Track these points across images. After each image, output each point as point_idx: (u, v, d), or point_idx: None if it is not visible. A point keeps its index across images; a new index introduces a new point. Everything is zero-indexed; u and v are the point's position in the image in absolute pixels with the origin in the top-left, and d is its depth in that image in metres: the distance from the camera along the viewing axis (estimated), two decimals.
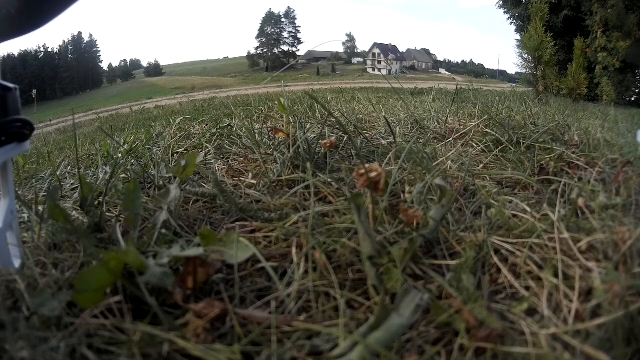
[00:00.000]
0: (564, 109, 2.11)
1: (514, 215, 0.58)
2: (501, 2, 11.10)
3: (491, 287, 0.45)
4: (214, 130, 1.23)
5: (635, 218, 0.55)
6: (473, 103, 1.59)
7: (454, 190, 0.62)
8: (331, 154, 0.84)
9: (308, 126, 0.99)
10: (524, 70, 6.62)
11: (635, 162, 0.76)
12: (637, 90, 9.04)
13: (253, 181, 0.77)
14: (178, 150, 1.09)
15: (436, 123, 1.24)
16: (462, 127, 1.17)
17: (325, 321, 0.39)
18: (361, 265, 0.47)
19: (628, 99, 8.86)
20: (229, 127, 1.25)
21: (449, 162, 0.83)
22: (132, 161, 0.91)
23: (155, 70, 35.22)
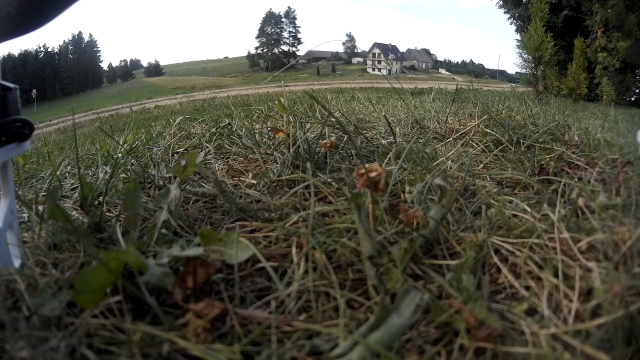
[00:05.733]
0: (564, 109, 2.11)
1: (514, 215, 0.58)
2: (501, 2, 11.12)
3: (491, 287, 0.45)
4: (213, 130, 1.23)
5: (635, 218, 0.55)
6: (473, 103, 1.58)
7: (454, 190, 0.62)
8: (331, 154, 0.84)
9: (308, 126, 0.99)
10: (524, 70, 6.63)
11: (635, 162, 0.76)
12: (637, 90, 9.05)
13: (253, 181, 0.77)
14: (178, 150, 1.09)
15: (436, 123, 1.24)
16: (462, 127, 1.17)
17: (325, 321, 0.39)
18: (361, 265, 0.47)
19: (628, 99, 8.87)
20: (229, 126, 1.25)
21: (449, 162, 0.83)
22: (132, 161, 0.91)
23: (155, 70, 35.25)
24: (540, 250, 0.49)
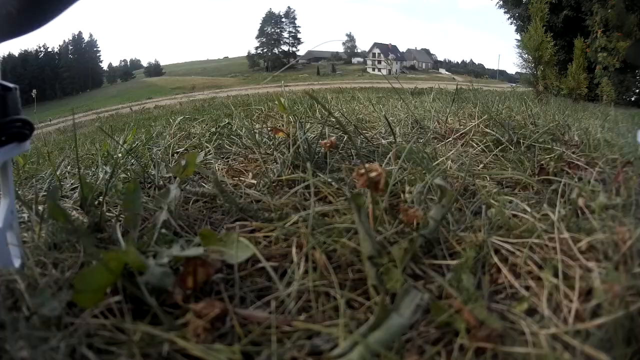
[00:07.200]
0: (564, 109, 2.11)
1: (514, 215, 0.58)
2: (501, 2, 11.13)
3: (491, 287, 0.45)
4: (213, 129, 1.23)
5: (635, 218, 0.55)
6: (473, 103, 1.59)
7: (454, 190, 0.62)
8: (331, 153, 0.84)
9: (308, 126, 0.99)
10: (524, 70, 6.62)
11: (635, 162, 0.76)
12: (637, 90, 9.05)
13: (253, 181, 0.77)
14: (178, 150, 1.09)
15: (436, 123, 1.24)
16: (462, 127, 1.17)
17: (325, 321, 0.39)
18: (361, 265, 0.47)
19: (628, 99, 8.88)
20: (229, 125, 1.25)
21: (449, 162, 0.83)
22: (132, 161, 0.91)
23: (155, 70, 35.21)
24: (540, 250, 0.49)
